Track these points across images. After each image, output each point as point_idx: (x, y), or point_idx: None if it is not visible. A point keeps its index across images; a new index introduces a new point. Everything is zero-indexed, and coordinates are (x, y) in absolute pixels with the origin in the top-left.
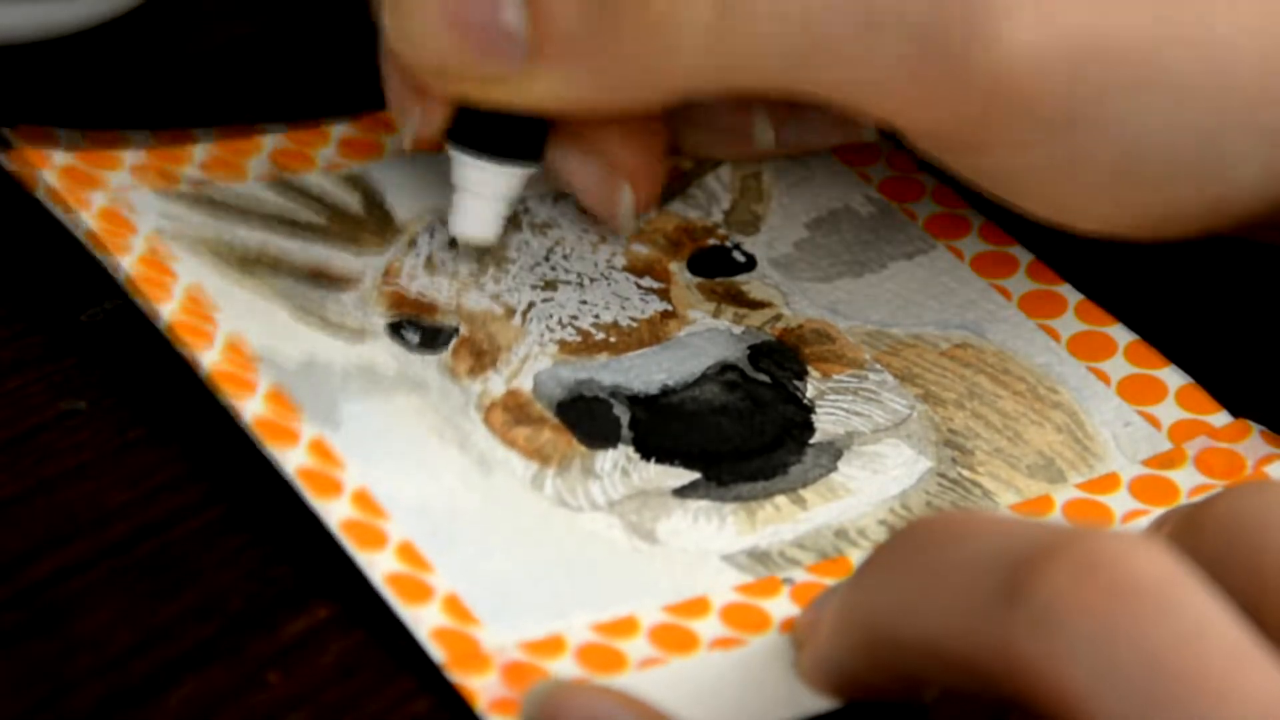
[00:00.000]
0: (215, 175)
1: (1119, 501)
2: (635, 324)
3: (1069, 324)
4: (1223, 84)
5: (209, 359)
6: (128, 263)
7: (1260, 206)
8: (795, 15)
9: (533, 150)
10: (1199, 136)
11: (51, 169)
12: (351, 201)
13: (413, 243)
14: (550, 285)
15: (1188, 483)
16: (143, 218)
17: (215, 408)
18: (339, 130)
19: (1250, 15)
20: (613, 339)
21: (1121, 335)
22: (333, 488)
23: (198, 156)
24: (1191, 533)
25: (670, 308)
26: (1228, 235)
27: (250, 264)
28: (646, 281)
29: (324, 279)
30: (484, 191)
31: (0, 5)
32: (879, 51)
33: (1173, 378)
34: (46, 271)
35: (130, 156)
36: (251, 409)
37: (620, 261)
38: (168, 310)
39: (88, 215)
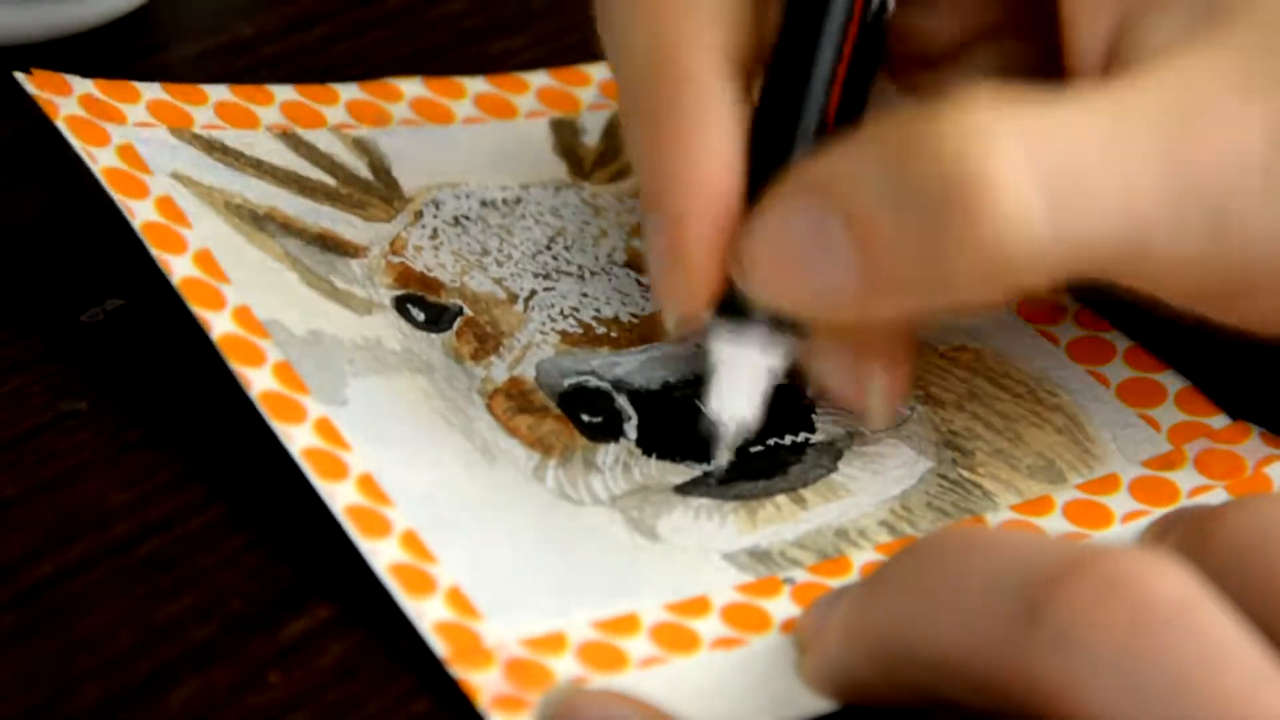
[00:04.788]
0: (229, 124)
1: (1119, 502)
2: (637, 320)
3: (1067, 330)
4: None
5: (219, 326)
6: (143, 210)
7: None
8: (1118, 208)
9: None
10: None
11: (72, 95)
12: (360, 166)
13: (418, 216)
14: (551, 274)
15: (1188, 484)
16: (158, 160)
17: (215, 408)
18: (347, 93)
19: None
20: (614, 334)
21: (1120, 341)
22: (339, 471)
23: (212, 100)
24: (1198, 545)
25: None
26: None
27: (260, 221)
28: (647, 279)
29: (332, 244)
30: (749, 366)
31: (3, 5)
32: (1182, 236)
33: (1171, 381)
34: (46, 271)
35: (147, 92)
36: (260, 383)
37: (621, 257)
38: (180, 268)
39: (106, 149)
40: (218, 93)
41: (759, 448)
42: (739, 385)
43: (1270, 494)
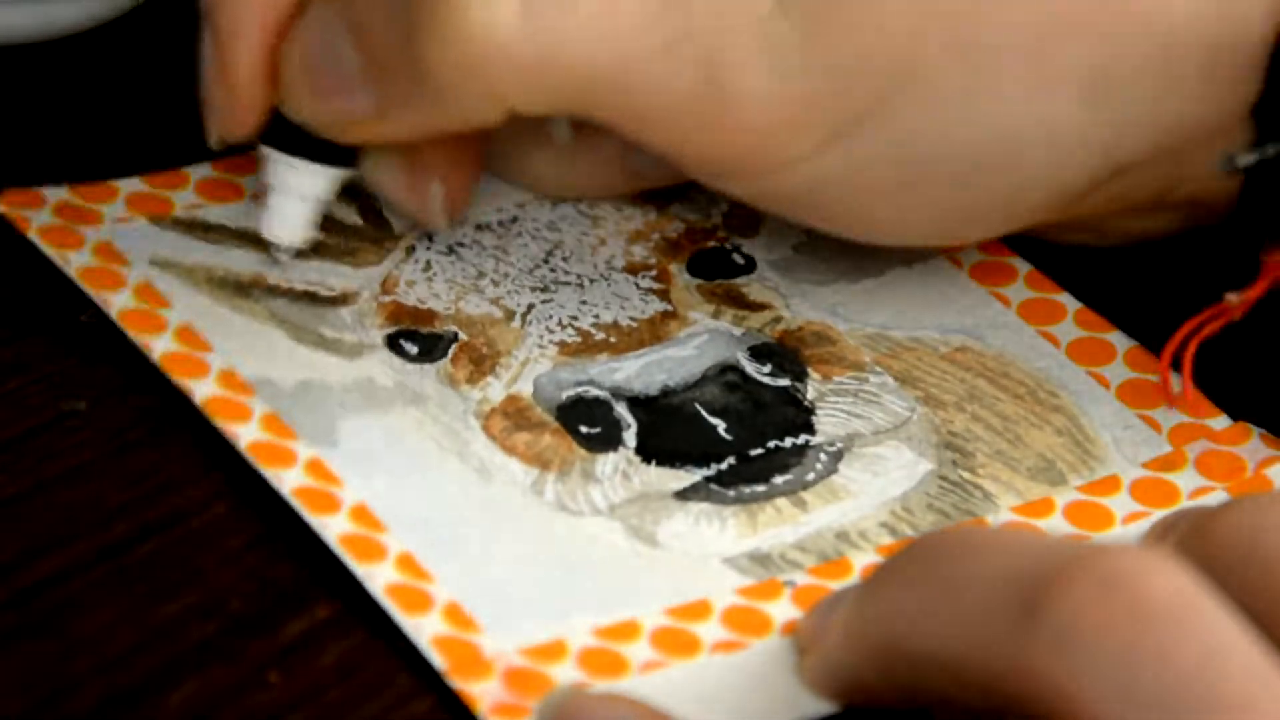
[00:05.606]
0: (210, 200)
1: (1119, 504)
2: (635, 324)
3: (1068, 330)
4: (991, 86)
5: (202, 390)
6: (120, 300)
7: (1053, 203)
8: (600, 33)
9: (348, 155)
10: (976, 138)
11: (45, 207)
12: (349, 212)
13: (410, 251)
14: (549, 287)
15: (1188, 485)
16: (137, 250)
17: None
18: None
19: (1016, 14)
20: (613, 339)
21: (1120, 341)
22: (330, 504)
23: (193, 180)
24: (1198, 544)
25: (670, 308)
26: (1024, 234)
27: (245, 289)
28: (646, 282)
29: (320, 297)
30: (297, 192)
31: (3, 5)
32: (671, 76)
33: (1172, 383)
34: (46, 271)
35: (125, 187)
36: (247, 435)
37: (620, 263)
38: (159, 345)
39: (81, 252)
40: (200, 171)
41: (759, 450)
42: (284, 210)
43: (1270, 493)
